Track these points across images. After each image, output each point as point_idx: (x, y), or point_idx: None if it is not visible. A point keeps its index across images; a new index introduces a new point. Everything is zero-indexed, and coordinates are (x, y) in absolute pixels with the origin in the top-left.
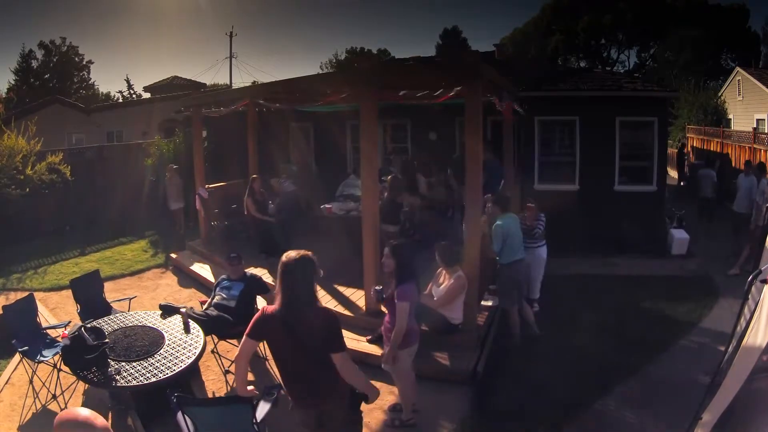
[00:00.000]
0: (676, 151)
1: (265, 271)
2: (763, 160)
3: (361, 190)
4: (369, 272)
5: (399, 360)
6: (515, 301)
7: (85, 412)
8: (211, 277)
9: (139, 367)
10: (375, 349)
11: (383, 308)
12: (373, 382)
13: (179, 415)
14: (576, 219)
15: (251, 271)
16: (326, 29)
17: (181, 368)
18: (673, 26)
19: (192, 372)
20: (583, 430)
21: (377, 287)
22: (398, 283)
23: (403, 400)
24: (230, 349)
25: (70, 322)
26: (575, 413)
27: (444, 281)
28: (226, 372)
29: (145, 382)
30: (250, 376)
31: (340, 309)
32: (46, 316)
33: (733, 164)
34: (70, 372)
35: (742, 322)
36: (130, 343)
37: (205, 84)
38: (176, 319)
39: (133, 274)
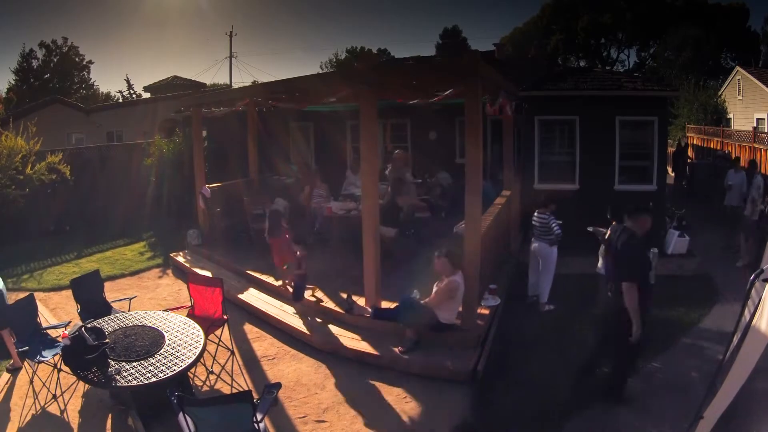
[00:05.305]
0: (673, 150)
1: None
2: (763, 159)
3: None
4: (369, 272)
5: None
6: None
7: None
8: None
9: (139, 367)
10: (373, 349)
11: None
12: (371, 381)
13: (180, 415)
14: (576, 218)
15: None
16: (326, 29)
17: (181, 368)
18: (673, 25)
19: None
20: (584, 430)
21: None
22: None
23: None
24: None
25: (70, 322)
26: (576, 413)
27: (443, 282)
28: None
29: (146, 382)
30: (249, 376)
31: (339, 309)
32: (46, 316)
33: None
34: (70, 372)
35: (743, 321)
36: (131, 343)
37: (205, 84)
38: (176, 319)
39: (133, 274)
